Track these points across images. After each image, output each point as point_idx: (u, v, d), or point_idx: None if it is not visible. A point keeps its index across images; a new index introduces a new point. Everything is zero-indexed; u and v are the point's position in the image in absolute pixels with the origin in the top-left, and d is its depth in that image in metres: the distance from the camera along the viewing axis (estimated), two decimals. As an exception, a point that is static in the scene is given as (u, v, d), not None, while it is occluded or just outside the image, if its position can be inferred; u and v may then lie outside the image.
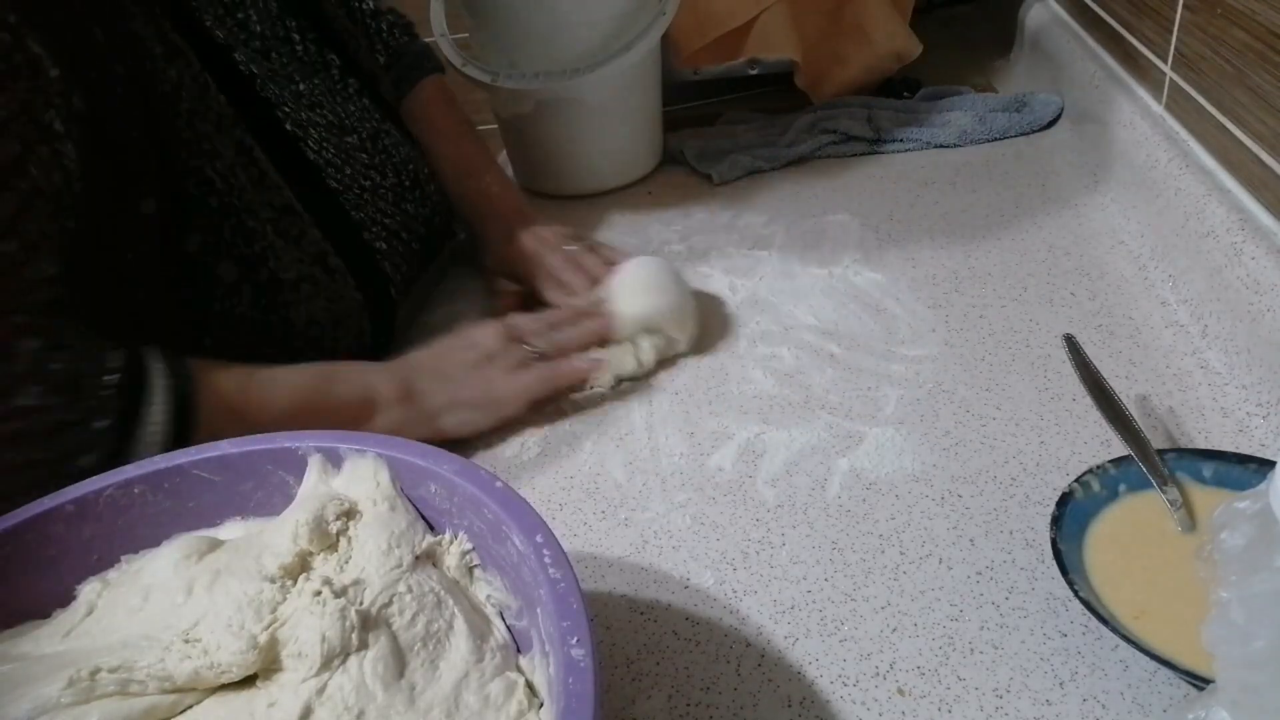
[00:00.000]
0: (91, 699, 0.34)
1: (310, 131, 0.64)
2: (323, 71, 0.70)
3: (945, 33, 1.18)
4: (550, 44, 0.84)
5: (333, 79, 0.71)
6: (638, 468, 0.58)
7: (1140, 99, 0.79)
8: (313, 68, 0.69)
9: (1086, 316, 0.65)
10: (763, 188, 0.90)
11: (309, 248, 0.60)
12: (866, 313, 0.69)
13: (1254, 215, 0.61)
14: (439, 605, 0.37)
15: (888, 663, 0.44)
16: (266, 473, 0.43)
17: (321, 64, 0.70)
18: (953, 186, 0.85)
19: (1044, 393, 0.59)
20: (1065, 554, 0.44)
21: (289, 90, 0.64)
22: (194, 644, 0.35)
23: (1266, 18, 0.59)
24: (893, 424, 0.58)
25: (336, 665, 0.34)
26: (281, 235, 0.58)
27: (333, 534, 0.40)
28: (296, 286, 0.59)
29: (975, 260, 0.74)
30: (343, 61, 0.72)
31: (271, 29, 0.66)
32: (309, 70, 0.68)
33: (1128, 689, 0.41)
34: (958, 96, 0.99)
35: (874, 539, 0.50)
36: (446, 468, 0.40)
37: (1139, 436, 0.49)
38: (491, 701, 0.35)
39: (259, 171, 0.58)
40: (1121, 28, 0.85)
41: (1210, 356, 0.59)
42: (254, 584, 0.37)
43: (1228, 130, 0.65)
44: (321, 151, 0.64)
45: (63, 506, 0.41)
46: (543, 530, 0.36)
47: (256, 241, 0.57)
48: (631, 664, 0.46)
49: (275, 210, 0.58)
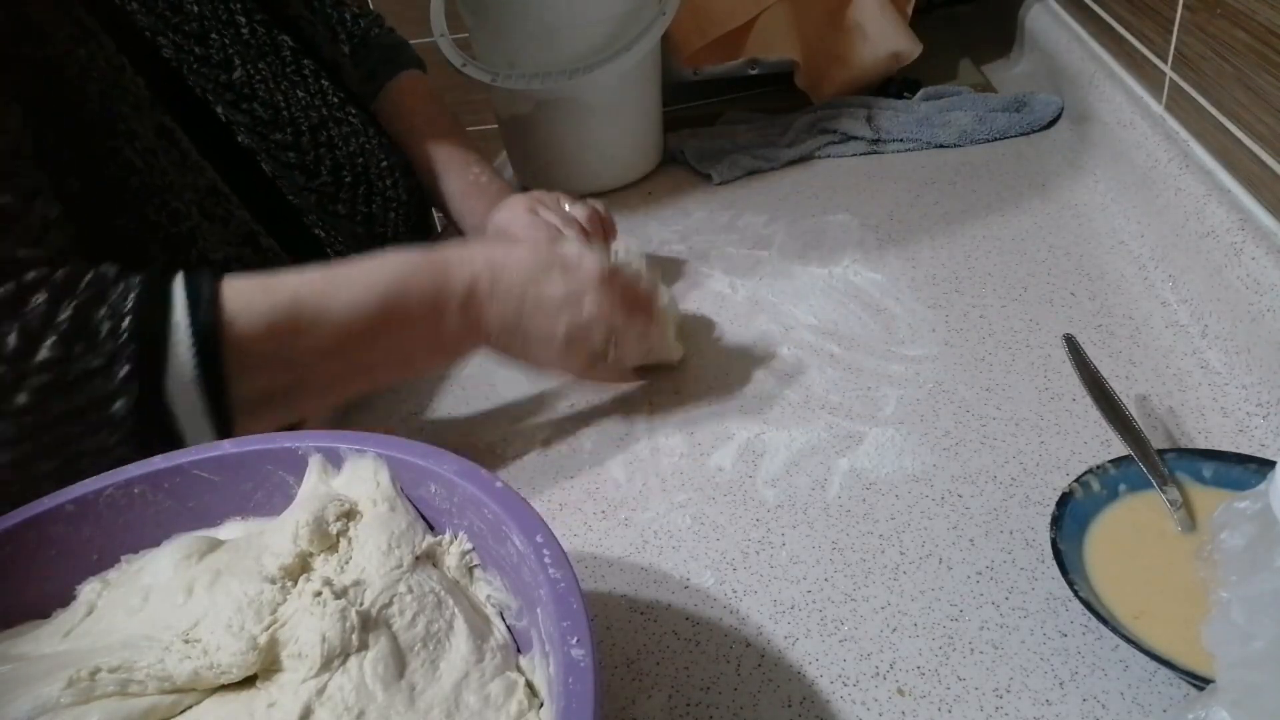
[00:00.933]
0: (91, 699, 0.34)
1: (238, 126, 0.63)
2: (271, 54, 0.68)
3: (945, 33, 1.18)
4: (550, 44, 0.84)
5: (283, 60, 0.69)
6: (638, 468, 0.58)
7: (1140, 99, 0.79)
8: (259, 50, 0.67)
9: (1086, 316, 0.65)
10: (763, 188, 0.90)
11: (237, 229, 0.59)
12: (866, 313, 0.69)
13: (1254, 215, 0.61)
14: (439, 605, 0.37)
15: (888, 663, 0.44)
16: (266, 473, 0.43)
17: (270, 46, 0.68)
18: (953, 186, 0.85)
19: (1044, 393, 0.59)
20: (1065, 554, 0.44)
21: (218, 80, 0.63)
22: (194, 644, 0.35)
23: (1266, 18, 0.59)
24: (893, 424, 0.58)
25: (336, 666, 0.34)
26: (207, 216, 0.58)
27: (333, 535, 0.40)
28: (225, 267, 0.57)
29: (975, 260, 0.74)
30: (297, 44, 0.71)
31: (212, 10, 0.64)
32: (254, 53, 0.67)
33: (1128, 689, 0.41)
34: (958, 96, 0.99)
35: (874, 539, 0.50)
36: (446, 468, 0.40)
37: (1139, 436, 0.49)
38: (492, 701, 0.35)
39: (180, 153, 0.57)
40: (1121, 28, 0.85)
41: (1210, 356, 0.59)
42: (254, 585, 0.37)
43: (1228, 130, 0.65)
44: (251, 142, 0.64)
45: (63, 506, 0.41)
46: (543, 530, 0.36)
47: (182, 222, 0.56)
48: (631, 664, 0.46)
49: (199, 192, 0.58)
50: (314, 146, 0.68)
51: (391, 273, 0.53)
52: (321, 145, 0.69)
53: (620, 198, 0.93)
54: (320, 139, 0.69)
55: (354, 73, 0.78)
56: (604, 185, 0.93)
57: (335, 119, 0.71)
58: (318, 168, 0.68)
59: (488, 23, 0.87)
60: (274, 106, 0.66)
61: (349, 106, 0.73)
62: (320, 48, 0.74)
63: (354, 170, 0.71)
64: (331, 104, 0.71)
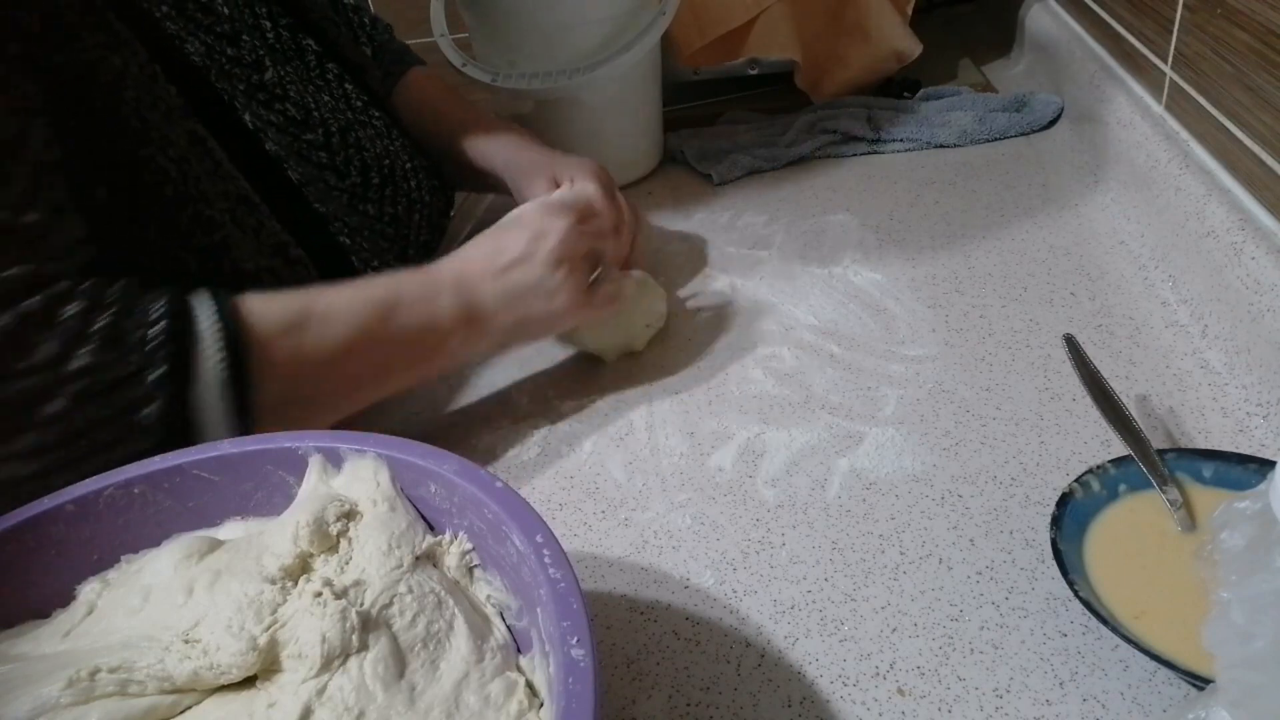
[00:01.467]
0: (91, 699, 0.34)
1: (268, 128, 0.63)
2: (296, 58, 0.69)
3: (945, 33, 1.18)
4: (550, 44, 0.84)
5: (308, 65, 0.69)
6: (638, 468, 0.58)
7: (1140, 99, 0.79)
8: (285, 54, 0.67)
9: (1086, 316, 0.65)
10: (763, 188, 0.90)
11: (267, 239, 0.60)
12: (866, 313, 0.69)
13: (1254, 215, 0.61)
14: (439, 606, 0.37)
15: (888, 663, 0.44)
16: (266, 473, 0.43)
17: (295, 50, 0.69)
18: (953, 186, 0.85)
19: (1044, 393, 0.59)
20: (1065, 554, 0.44)
21: (250, 81, 0.63)
22: (194, 645, 0.35)
23: (1266, 18, 0.59)
24: (893, 424, 0.58)
25: (336, 666, 0.34)
26: (239, 226, 0.58)
27: (333, 535, 0.40)
28: (257, 277, 0.58)
29: (975, 260, 0.74)
30: (321, 47, 0.71)
31: (239, 14, 0.65)
32: (281, 57, 0.67)
33: (1128, 689, 0.41)
34: (958, 96, 0.99)
35: (874, 539, 0.50)
36: (446, 468, 0.40)
37: (1139, 436, 0.49)
38: (492, 701, 0.35)
39: (213, 162, 0.57)
40: (1121, 28, 0.85)
41: (1210, 356, 0.59)
42: (255, 585, 0.37)
43: (1228, 130, 0.65)
44: (280, 146, 0.64)
45: (63, 506, 0.41)
46: (543, 530, 0.36)
47: (216, 231, 0.56)
48: (631, 664, 0.46)
49: (231, 200, 0.58)
50: (344, 147, 0.69)
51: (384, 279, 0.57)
52: (351, 146, 0.70)
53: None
54: (350, 140, 0.70)
55: (375, 73, 0.78)
56: (604, 185, 0.93)
57: (360, 121, 0.71)
58: (348, 168, 0.69)
59: (488, 23, 0.87)
60: (305, 107, 0.67)
61: (373, 110, 0.73)
62: (344, 49, 0.74)
63: (381, 172, 0.72)
64: (355, 107, 0.71)
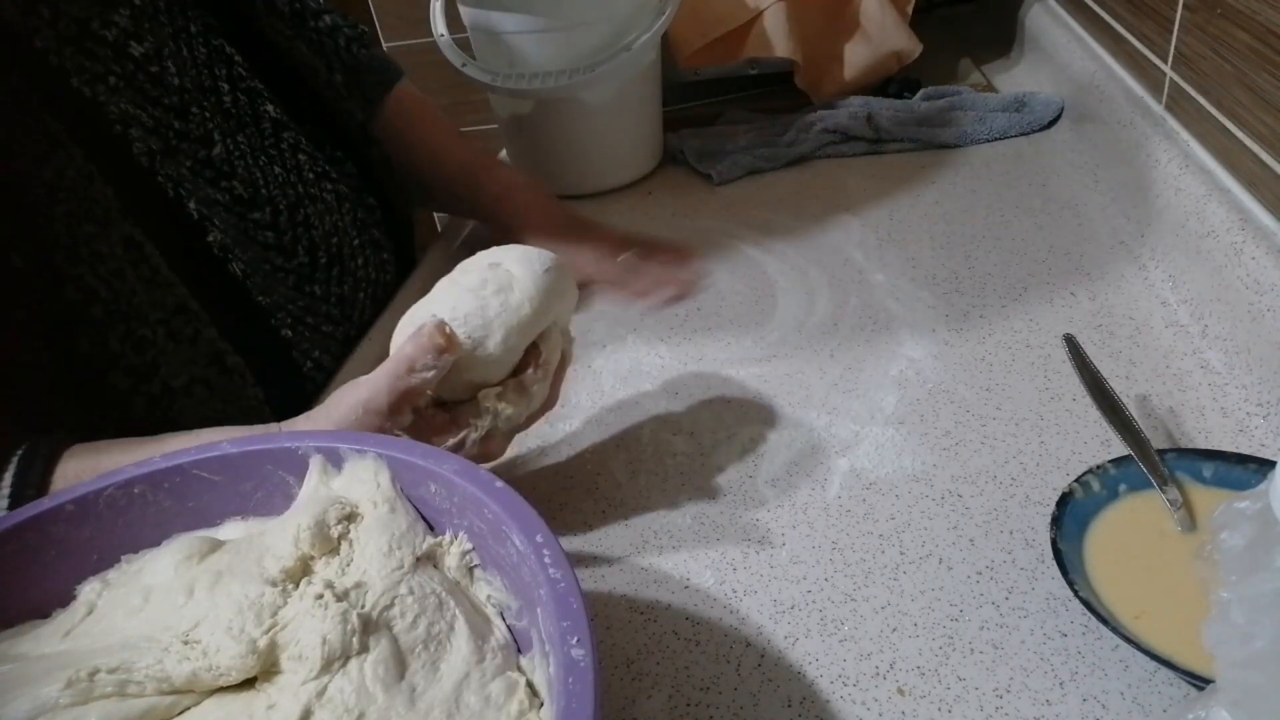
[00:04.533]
0: (90, 700, 0.34)
1: (215, 210, 0.60)
2: (251, 125, 0.66)
3: (945, 33, 1.18)
4: (550, 44, 0.84)
5: (263, 133, 0.66)
6: (638, 468, 0.58)
7: (1140, 99, 0.79)
8: (239, 122, 0.65)
9: (1086, 316, 0.65)
10: (763, 188, 0.90)
11: (204, 349, 0.57)
12: (866, 312, 0.69)
13: (1254, 215, 0.61)
14: (440, 607, 0.37)
15: (888, 663, 0.44)
16: (267, 473, 0.43)
17: (252, 117, 0.66)
18: (953, 186, 0.85)
19: (1044, 393, 0.59)
20: (1065, 554, 0.44)
21: (197, 158, 0.60)
22: (193, 646, 0.35)
23: (1266, 18, 0.59)
24: (893, 424, 0.58)
25: (336, 668, 0.34)
26: (173, 338, 0.55)
27: (334, 538, 0.40)
28: (189, 391, 0.56)
29: (975, 260, 0.74)
30: (281, 114, 0.68)
31: (195, 80, 0.62)
32: (234, 126, 0.64)
33: (1128, 689, 0.41)
34: (957, 96, 0.99)
35: (874, 539, 0.50)
36: (446, 468, 0.40)
37: (1139, 436, 0.49)
38: (492, 701, 0.35)
39: (150, 269, 0.55)
40: (1121, 28, 0.85)
41: (1210, 356, 0.59)
42: (255, 587, 0.37)
43: (1228, 130, 0.65)
44: (226, 233, 0.60)
45: (63, 506, 0.41)
46: (543, 530, 0.36)
47: (147, 350, 0.54)
48: (631, 664, 0.46)
49: (167, 311, 0.55)
50: (292, 226, 0.66)
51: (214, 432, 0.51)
52: (299, 224, 0.67)
53: (620, 198, 0.93)
54: (298, 218, 0.67)
55: (347, 103, 0.76)
56: (604, 185, 0.93)
57: (310, 196, 0.69)
58: (295, 248, 0.66)
59: (488, 23, 0.87)
60: (253, 184, 0.64)
61: (324, 183, 0.71)
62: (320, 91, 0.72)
63: (329, 251, 0.69)
64: (307, 180, 0.69)
